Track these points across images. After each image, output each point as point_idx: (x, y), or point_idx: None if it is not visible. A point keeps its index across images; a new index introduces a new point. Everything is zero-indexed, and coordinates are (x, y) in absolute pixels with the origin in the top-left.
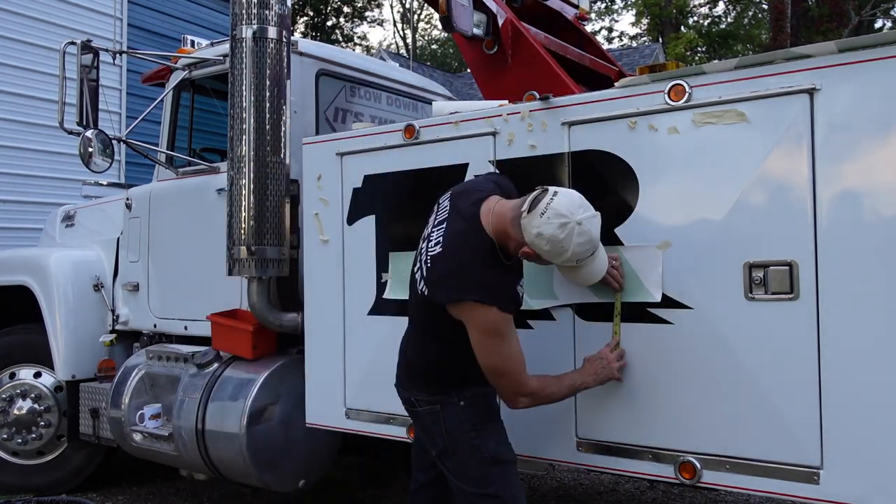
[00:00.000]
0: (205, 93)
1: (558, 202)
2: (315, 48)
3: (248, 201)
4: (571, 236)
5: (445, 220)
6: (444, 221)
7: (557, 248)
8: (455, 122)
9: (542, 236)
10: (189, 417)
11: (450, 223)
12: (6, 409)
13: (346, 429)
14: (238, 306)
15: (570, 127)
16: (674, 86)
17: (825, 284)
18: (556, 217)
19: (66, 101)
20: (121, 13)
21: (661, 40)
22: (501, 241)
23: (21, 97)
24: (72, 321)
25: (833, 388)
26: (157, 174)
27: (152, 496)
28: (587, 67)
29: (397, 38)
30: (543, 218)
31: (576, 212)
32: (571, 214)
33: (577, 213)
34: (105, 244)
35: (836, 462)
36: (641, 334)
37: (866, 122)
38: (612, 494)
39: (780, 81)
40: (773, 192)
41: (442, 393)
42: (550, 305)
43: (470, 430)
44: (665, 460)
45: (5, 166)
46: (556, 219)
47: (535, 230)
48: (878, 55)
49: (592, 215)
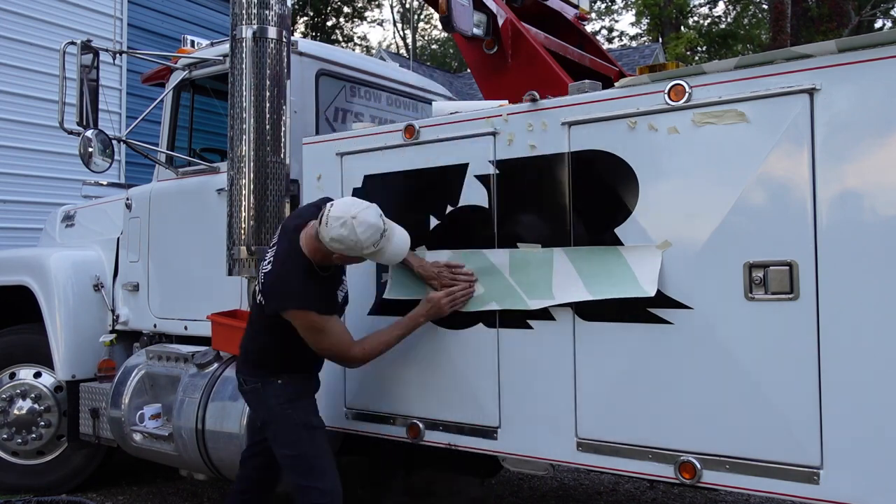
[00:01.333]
0: (205, 93)
1: (334, 209)
2: (315, 48)
3: (248, 201)
4: (354, 229)
5: (276, 244)
6: (275, 244)
7: (350, 243)
8: (455, 122)
9: (334, 239)
10: (189, 417)
11: (278, 246)
12: (6, 409)
13: (346, 429)
14: (238, 306)
15: (570, 127)
16: (674, 86)
17: (825, 284)
18: (334, 220)
19: (66, 101)
20: (121, 13)
21: (661, 40)
22: (316, 257)
23: (21, 97)
24: (72, 321)
25: (833, 388)
26: (157, 174)
27: (152, 496)
28: (587, 67)
29: (397, 38)
30: (329, 227)
31: (349, 209)
32: (345, 213)
33: (350, 210)
34: (105, 244)
35: (836, 462)
36: (641, 334)
37: (866, 122)
38: (612, 494)
39: (780, 81)
40: (773, 192)
41: (264, 375)
42: (550, 305)
43: (284, 402)
44: (665, 460)
45: (5, 166)
46: (335, 221)
47: (327, 237)
48: (878, 55)
49: (365, 207)
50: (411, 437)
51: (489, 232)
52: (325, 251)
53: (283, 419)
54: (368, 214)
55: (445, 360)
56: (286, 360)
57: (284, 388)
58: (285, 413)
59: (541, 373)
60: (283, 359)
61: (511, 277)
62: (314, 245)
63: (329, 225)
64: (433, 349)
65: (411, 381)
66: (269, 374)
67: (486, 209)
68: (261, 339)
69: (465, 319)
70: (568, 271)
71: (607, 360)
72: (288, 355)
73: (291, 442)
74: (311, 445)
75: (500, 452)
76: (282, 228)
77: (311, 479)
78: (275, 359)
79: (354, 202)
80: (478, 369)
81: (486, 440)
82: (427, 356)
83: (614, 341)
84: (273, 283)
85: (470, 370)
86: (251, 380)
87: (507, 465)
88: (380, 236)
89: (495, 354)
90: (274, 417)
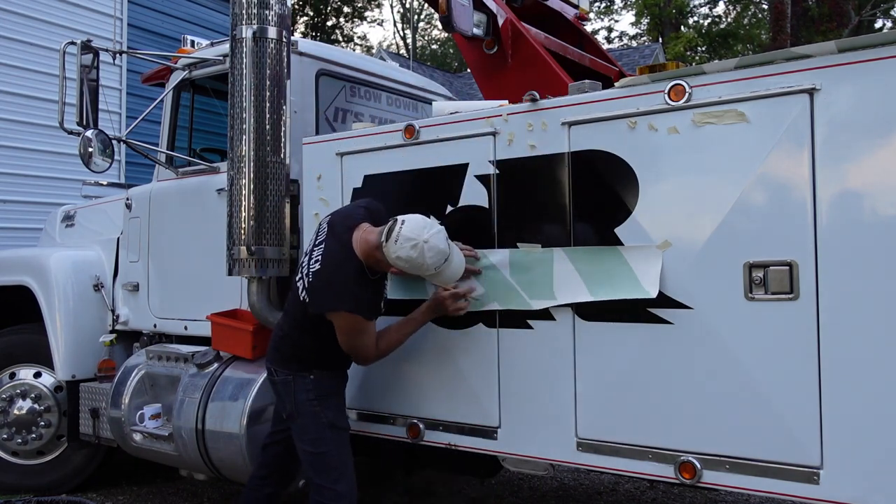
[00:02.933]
0: (205, 93)
1: (406, 228)
2: (315, 48)
3: (248, 201)
4: (423, 253)
5: (324, 242)
6: (322, 243)
7: (416, 264)
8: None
9: (400, 258)
10: (189, 417)
11: (327, 245)
12: (6, 409)
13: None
14: (238, 306)
15: (570, 127)
16: (674, 86)
17: (825, 284)
18: (406, 241)
19: (66, 101)
20: (121, 13)
21: (661, 40)
22: (369, 262)
23: (21, 97)
24: (72, 321)
25: (833, 388)
26: (157, 174)
27: (152, 496)
28: (587, 67)
29: (397, 38)
30: (398, 245)
31: (422, 233)
32: (418, 236)
33: (423, 233)
34: (105, 244)
35: (836, 462)
36: (641, 334)
37: (866, 122)
38: (612, 494)
39: (780, 81)
40: (773, 192)
41: (297, 369)
42: (550, 305)
43: (314, 399)
44: (665, 460)
45: (5, 166)
46: (407, 242)
47: (394, 255)
48: (878, 55)
49: (437, 231)
50: (411, 437)
51: (489, 232)
52: (382, 260)
53: (311, 416)
54: (439, 240)
55: (446, 360)
56: (320, 357)
57: (315, 384)
58: (313, 410)
59: (541, 373)
60: (317, 355)
61: (511, 277)
62: (370, 252)
63: (399, 243)
64: (434, 349)
65: (412, 381)
66: (302, 368)
67: (486, 209)
68: (296, 335)
69: (466, 319)
70: (568, 271)
71: (607, 360)
72: (323, 352)
73: (314, 439)
74: (333, 446)
75: (500, 452)
76: (329, 226)
77: (329, 480)
78: (309, 355)
79: (426, 224)
80: (478, 369)
81: (486, 440)
82: (427, 356)
83: (614, 341)
84: (323, 282)
85: (470, 370)
86: (282, 371)
87: (507, 465)
88: (443, 261)
89: (495, 354)
90: (301, 412)
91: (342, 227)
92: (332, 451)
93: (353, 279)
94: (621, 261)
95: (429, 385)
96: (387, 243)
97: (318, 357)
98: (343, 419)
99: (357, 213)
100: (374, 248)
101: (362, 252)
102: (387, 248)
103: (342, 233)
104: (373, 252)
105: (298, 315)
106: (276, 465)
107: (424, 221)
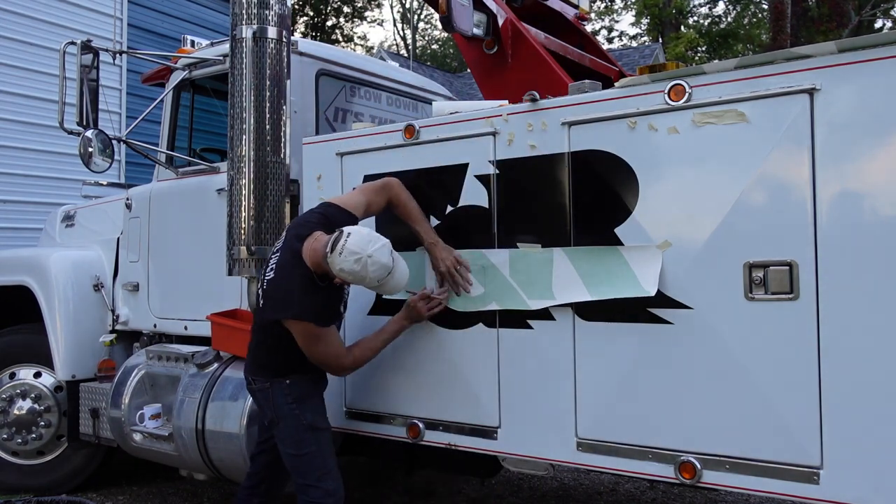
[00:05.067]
0: (205, 93)
1: (351, 242)
2: (315, 48)
3: (248, 201)
4: (366, 266)
5: (279, 251)
6: (278, 251)
7: (358, 277)
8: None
9: (343, 271)
10: (189, 417)
11: (281, 254)
12: (6, 409)
13: (346, 429)
14: (238, 306)
15: (570, 127)
16: (674, 86)
17: (825, 284)
18: (350, 255)
19: (66, 101)
20: (121, 13)
21: (661, 40)
22: (318, 270)
23: (21, 97)
24: (72, 321)
25: (833, 388)
26: (157, 174)
27: (152, 496)
28: (587, 67)
29: (397, 38)
30: (342, 257)
31: (366, 247)
32: (363, 250)
33: (367, 248)
34: (105, 244)
35: (836, 462)
36: (641, 334)
37: (866, 123)
38: (612, 494)
39: (780, 81)
40: (773, 192)
41: (272, 376)
42: (550, 305)
43: (292, 402)
44: (665, 460)
45: (5, 166)
46: (351, 256)
47: (337, 267)
48: (878, 55)
49: (381, 246)
50: (411, 437)
51: (489, 232)
52: (329, 271)
53: (291, 418)
54: (382, 254)
55: (446, 361)
56: (293, 362)
57: (292, 387)
58: (293, 413)
59: (541, 373)
60: (289, 361)
61: (511, 277)
62: (318, 261)
63: (343, 256)
64: (433, 349)
65: (411, 381)
66: (277, 374)
67: (486, 209)
68: (267, 343)
69: (466, 319)
70: (568, 271)
71: (607, 360)
72: (294, 358)
73: (296, 442)
74: (315, 447)
75: (500, 452)
76: (285, 235)
77: (314, 479)
78: (282, 361)
79: (371, 237)
80: (478, 369)
81: (486, 440)
82: (427, 356)
83: (614, 341)
84: (274, 291)
85: (470, 370)
86: (259, 379)
87: (507, 465)
88: (386, 274)
89: (495, 354)
90: (281, 416)
91: (294, 236)
92: (314, 452)
93: (300, 287)
94: (621, 261)
95: (429, 385)
96: (331, 255)
97: (291, 362)
98: (323, 420)
99: (311, 220)
100: (321, 257)
101: (311, 261)
102: (331, 259)
103: (293, 241)
104: (319, 261)
105: (261, 322)
106: (265, 474)
107: (370, 235)
